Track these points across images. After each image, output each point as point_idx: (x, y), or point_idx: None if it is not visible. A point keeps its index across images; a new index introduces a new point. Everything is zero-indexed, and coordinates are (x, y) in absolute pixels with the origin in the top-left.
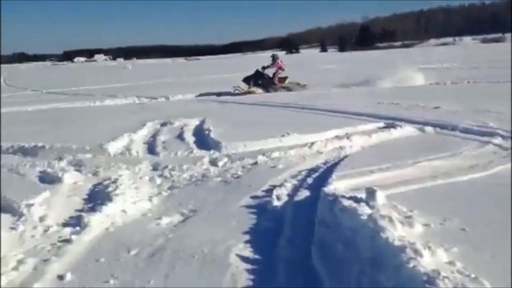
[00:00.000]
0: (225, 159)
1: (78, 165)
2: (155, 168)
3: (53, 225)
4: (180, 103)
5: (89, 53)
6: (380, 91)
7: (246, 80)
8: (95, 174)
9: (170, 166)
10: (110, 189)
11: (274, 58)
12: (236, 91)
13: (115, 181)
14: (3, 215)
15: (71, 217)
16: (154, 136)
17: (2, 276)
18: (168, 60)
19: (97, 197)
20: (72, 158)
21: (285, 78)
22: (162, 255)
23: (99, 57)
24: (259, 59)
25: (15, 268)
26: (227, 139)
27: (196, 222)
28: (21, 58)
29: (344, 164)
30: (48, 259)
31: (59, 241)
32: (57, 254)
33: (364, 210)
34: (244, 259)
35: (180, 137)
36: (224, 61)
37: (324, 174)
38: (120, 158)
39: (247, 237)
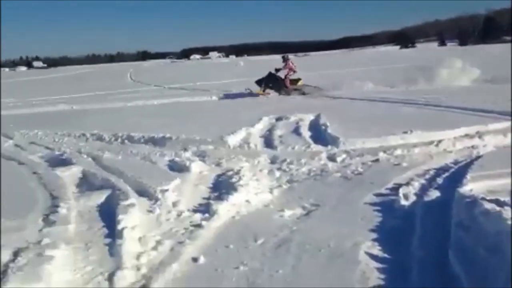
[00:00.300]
0: (344, 155)
1: (201, 156)
2: (273, 161)
3: (185, 211)
4: (292, 98)
5: (204, 51)
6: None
7: (259, 82)
8: (218, 164)
9: (288, 160)
10: (233, 180)
11: (285, 59)
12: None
13: (237, 173)
14: (141, 198)
15: (200, 204)
16: (270, 130)
17: (143, 254)
18: (277, 57)
19: (222, 187)
20: (196, 149)
21: (297, 80)
22: (288, 246)
23: (213, 54)
24: (364, 55)
25: (154, 248)
26: (345, 135)
27: (319, 216)
28: (145, 56)
29: (479, 165)
30: (183, 242)
31: (191, 226)
32: (190, 238)
33: (510, 215)
34: (374, 257)
35: (296, 131)
36: (331, 57)
37: (456, 174)
38: (239, 150)
39: (374, 234)
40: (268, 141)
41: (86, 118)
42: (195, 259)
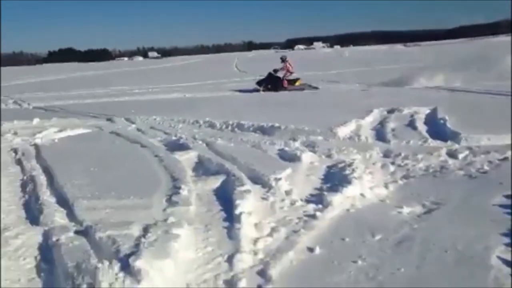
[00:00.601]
0: (466, 152)
1: (311, 146)
2: (386, 155)
3: (298, 200)
4: (405, 90)
5: (309, 41)
6: None
7: (259, 83)
8: (328, 156)
9: (402, 155)
10: (346, 172)
11: (283, 60)
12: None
13: (350, 165)
14: (255, 186)
15: (312, 195)
16: (382, 123)
17: (260, 240)
18: (384, 47)
19: (334, 179)
20: (305, 139)
21: (295, 80)
22: (410, 244)
23: (317, 44)
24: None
25: (270, 235)
26: (466, 130)
27: (442, 216)
28: (250, 46)
29: None
30: (298, 231)
31: (305, 216)
32: (305, 227)
33: None
34: (508, 263)
35: (411, 125)
36: (445, 47)
37: None
38: (349, 142)
39: (508, 239)
40: (380, 134)
41: (198, 105)
42: (310, 249)
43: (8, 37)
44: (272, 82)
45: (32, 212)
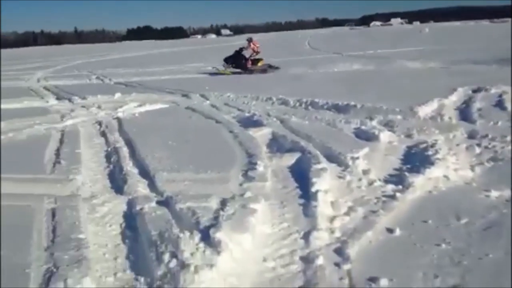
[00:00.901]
0: None
1: (389, 126)
2: (471, 136)
3: (376, 180)
4: (492, 69)
5: (385, 17)
6: None
7: (226, 60)
8: (408, 136)
9: (490, 136)
10: (429, 153)
11: (249, 41)
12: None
13: (432, 146)
14: (331, 164)
15: (391, 175)
16: (466, 102)
17: (336, 218)
18: (471, 23)
19: (415, 159)
20: (382, 118)
21: (258, 60)
22: (499, 230)
23: (395, 21)
24: None
25: (347, 214)
26: None
27: None
28: (323, 23)
29: None
30: (376, 211)
31: (384, 196)
32: (383, 208)
33: None
34: None
35: (500, 105)
36: None
37: None
38: (431, 122)
39: None
40: (465, 114)
41: (271, 82)
42: (390, 230)
43: (90, 15)
44: (237, 61)
45: (116, 182)
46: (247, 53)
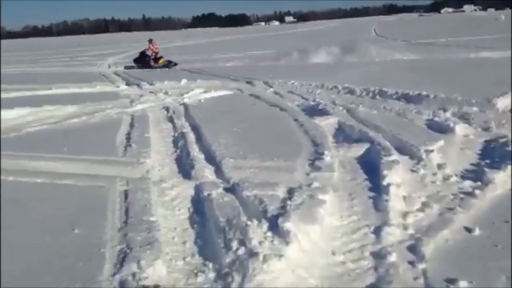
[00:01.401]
0: None
1: (464, 118)
2: None
3: (452, 175)
4: None
5: (458, 4)
6: None
7: (135, 61)
8: (485, 129)
9: None
10: (509, 148)
11: (150, 42)
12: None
13: None
14: (402, 157)
15: (468, 170)
16: None
17: (410, 214)
18: None
19: (495, 154)
20: (456, 109)
21: (159, 59)
22: None
23: (468, 7)
24: None
25: (421, 210)
26: None
27: None
28: (391, 9)
29: None
30: (453, 209)
31: (461, 192)
32: (461, 205)
33: None
34: None
35: None
36: None
37: None
38: (510, 116)
39: None
40: None
41: (337, 71)
42: (468, 229)
43: (158, 2)
44: (142, 61)
45: (184, 166)
46: (149, 53)
